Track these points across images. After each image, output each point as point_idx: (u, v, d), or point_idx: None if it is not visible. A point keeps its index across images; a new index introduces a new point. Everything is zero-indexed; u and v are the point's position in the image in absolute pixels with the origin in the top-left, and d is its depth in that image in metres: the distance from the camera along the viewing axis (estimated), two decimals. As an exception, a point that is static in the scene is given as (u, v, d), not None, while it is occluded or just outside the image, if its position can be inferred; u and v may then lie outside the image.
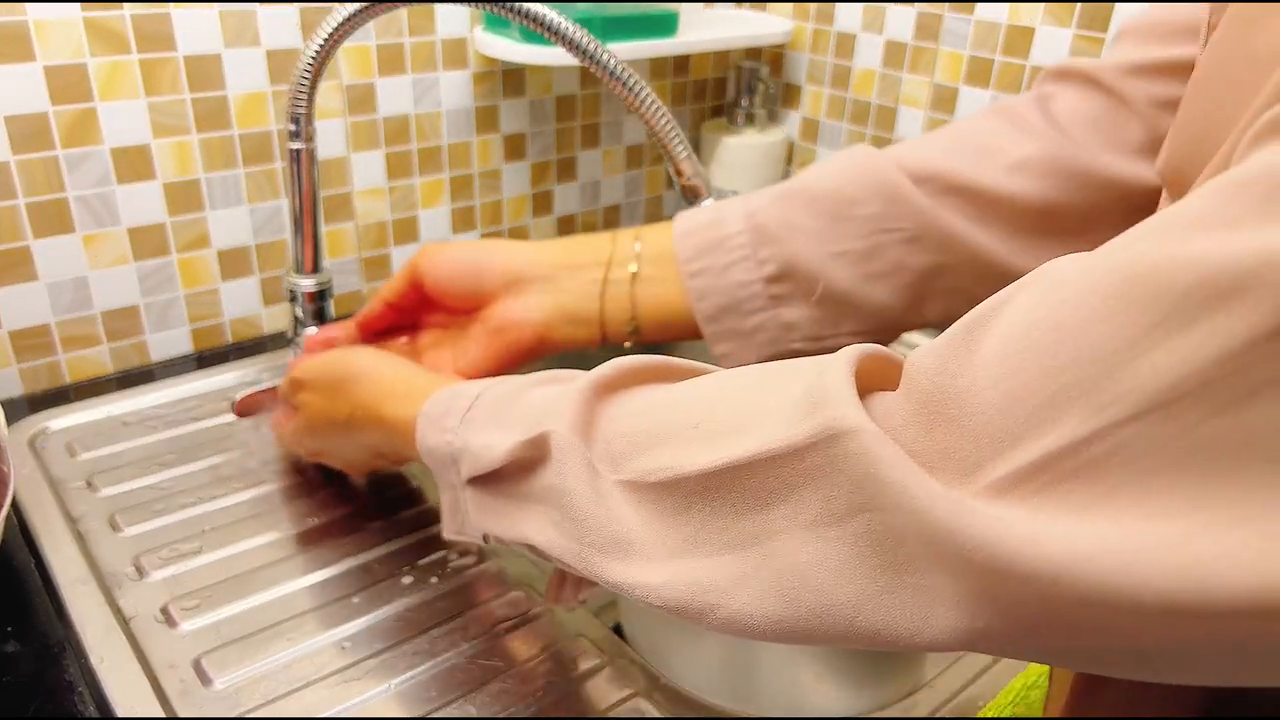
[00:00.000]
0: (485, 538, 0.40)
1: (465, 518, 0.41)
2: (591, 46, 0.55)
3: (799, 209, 0.48)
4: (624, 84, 0.55)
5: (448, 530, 0.43)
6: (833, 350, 0.29)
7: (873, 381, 0.28)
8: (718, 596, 0.29)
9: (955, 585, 0.23)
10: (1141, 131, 0.45)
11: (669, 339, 0.50)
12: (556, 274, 0.52)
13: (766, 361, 0.33)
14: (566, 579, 0.46)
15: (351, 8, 0.57)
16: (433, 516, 0.60)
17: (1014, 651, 0.25)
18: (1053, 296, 0.23)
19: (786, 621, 0.27)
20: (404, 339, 0.58)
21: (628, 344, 0.49)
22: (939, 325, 0.43)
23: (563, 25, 0.55)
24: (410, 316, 0.57)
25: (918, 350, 0.26)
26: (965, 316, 0.25)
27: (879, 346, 0.29)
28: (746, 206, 0.50)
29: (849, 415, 0.25)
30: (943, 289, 0.48)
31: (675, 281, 0.49)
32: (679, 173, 0.56)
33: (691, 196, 0.57)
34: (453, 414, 0.41)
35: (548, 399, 0.35)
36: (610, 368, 0.35)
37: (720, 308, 0.49)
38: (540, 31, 0.55)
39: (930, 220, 0.46)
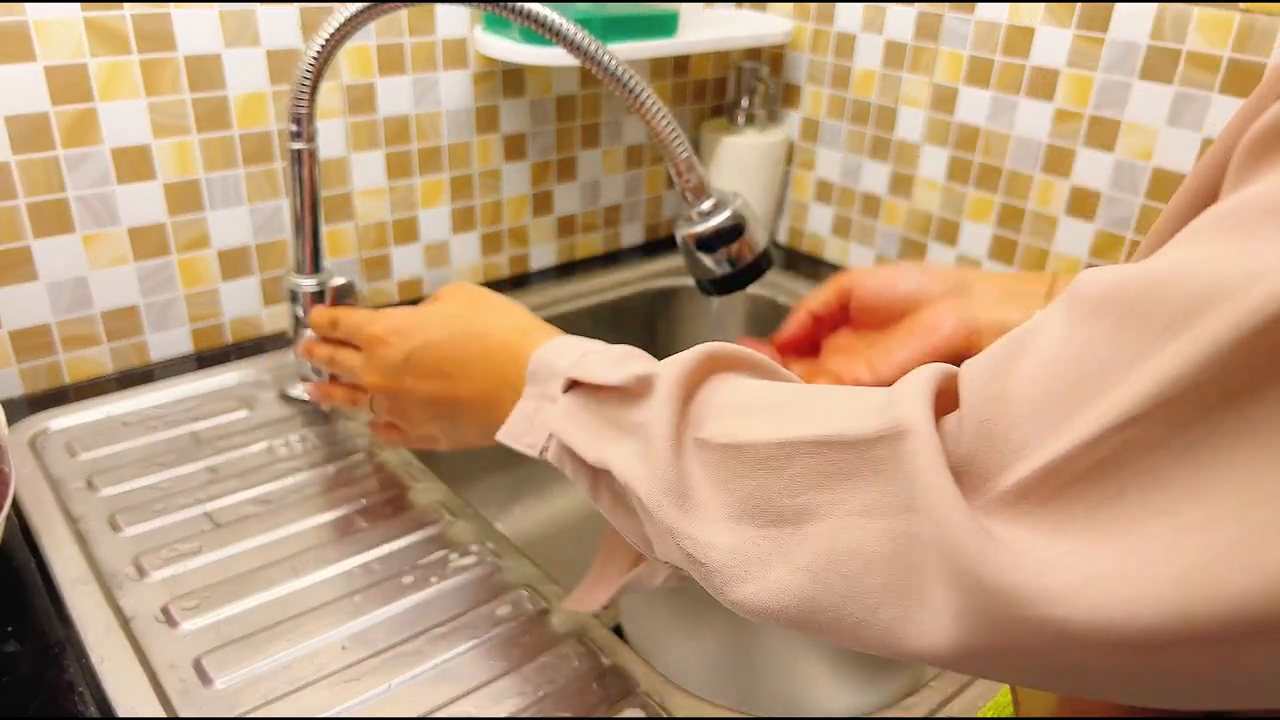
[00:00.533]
0: (543, 450, 0.42)
1: (538, 424, 0.42)
2: (591, 47, 0.55)
3: None
4: (624, 85, 0.55)
5: (503, 433, 0.44)
6: None
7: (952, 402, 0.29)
8: (755, 566, 0.30)
9: (960, 600, 0.24)
10: None
11: None
12: (1003, 292, 0.54)
13: None
14: (600, 582, 0.47)
15: (353, 8, 0.57)
16: (434, 516, 0.60)
17: (1001, 673, 0.26)
18: (1074, 312, 0.24)
19: (807, 604, 0.29)
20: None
21: None
22: None
23: (562, 25, 0.55)
24: (827, 331, 0.58)
25: (971, 359, 0.27)
26: (1016, 329, 0.26)
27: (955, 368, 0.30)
28: None
29: (916, 417, 0.26)
30: None
31: None
32: (679, 173, 0.56)
33: (692, 197, 0.57)
34: (571, 345, 0.44)
35: (664, 359, 0.39)
36: (730, 347, 0.38)
37: None
38: (541, 32, 0.55)
39: None
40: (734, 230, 0.54)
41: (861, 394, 0.30)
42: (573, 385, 0.41)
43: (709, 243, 0.55)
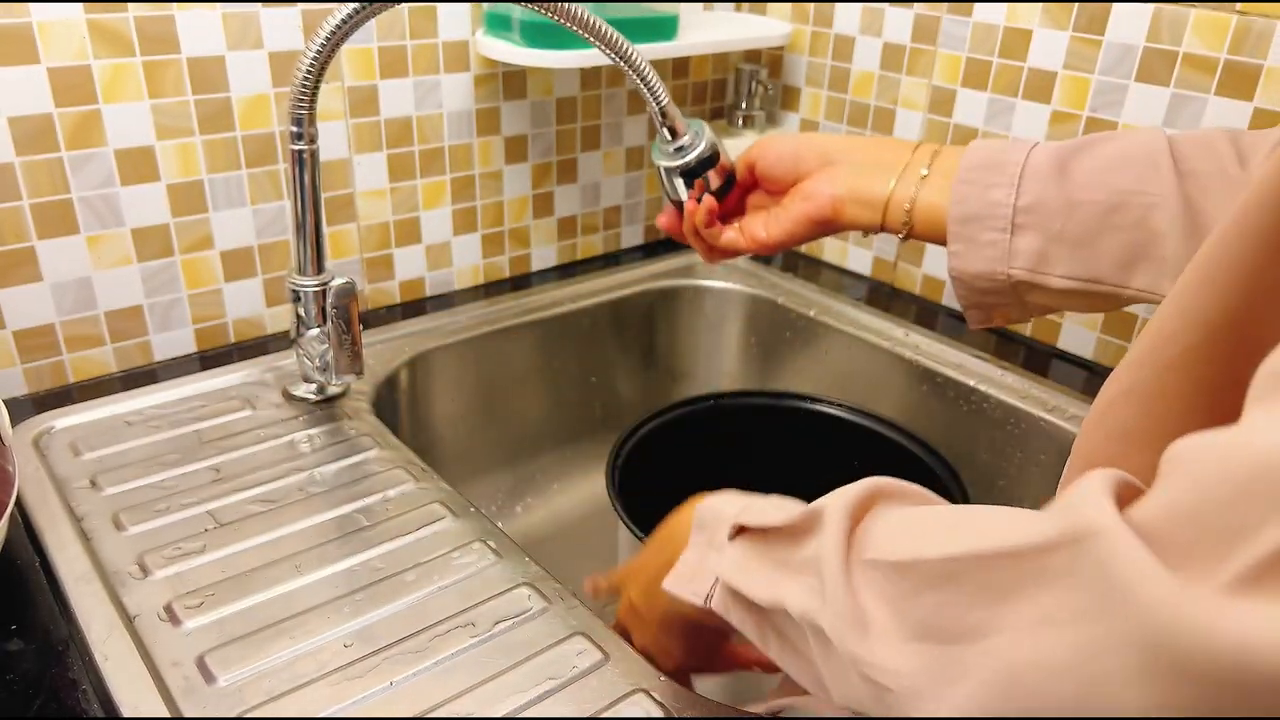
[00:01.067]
0: (707, 597, 0.43)
1: (703, 572, 0.43)
2: (616, 40, 0.59)
3: (1074, 158, 0.53)
4: (606, 41, 0.59)
5: (669, 582, 0.45)
6: (1042, 286, 0.42)
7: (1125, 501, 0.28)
8: (938, 686, 0.30)
9: (1186, 690, 0.23)
10: None
11: (929, 239, 0.57)
12: (863, 162, 0.59)
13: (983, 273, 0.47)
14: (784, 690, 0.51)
15: (350, 7, 0.58)
16: (436, 515, 0.60)
17: None
18: None
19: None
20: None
21: (899, 236, 0.57)
22: (1137, 297, 0.51)
23: (582, 14, 0.57)
24: (746, 193, 0.64)
25: (1179, 441, 0.26)
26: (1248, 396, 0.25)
27: (1129, 476, 0.28)
28: (1033, 146, 0.55)
29: (1101, 516, 0.25)
30: (1156, 258, 0.50)
31: (949, 190, 0.55)
32: (663, 115, 0.61)
33: (671, 135, 0.62)
34: (736, 495, 0.45)
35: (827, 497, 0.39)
36: (894, 481, 0.38)
37: (969, 215, 0.54)
38: (571, 27, 0.58)
39: (1173, 190, 0.49)
40: (712, 158, 0.62)
41: (1027, 512, 0.29)
42: (740, 531, 0.42)
43: (694, 171, 0.62)
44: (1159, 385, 0.33)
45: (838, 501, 0.37)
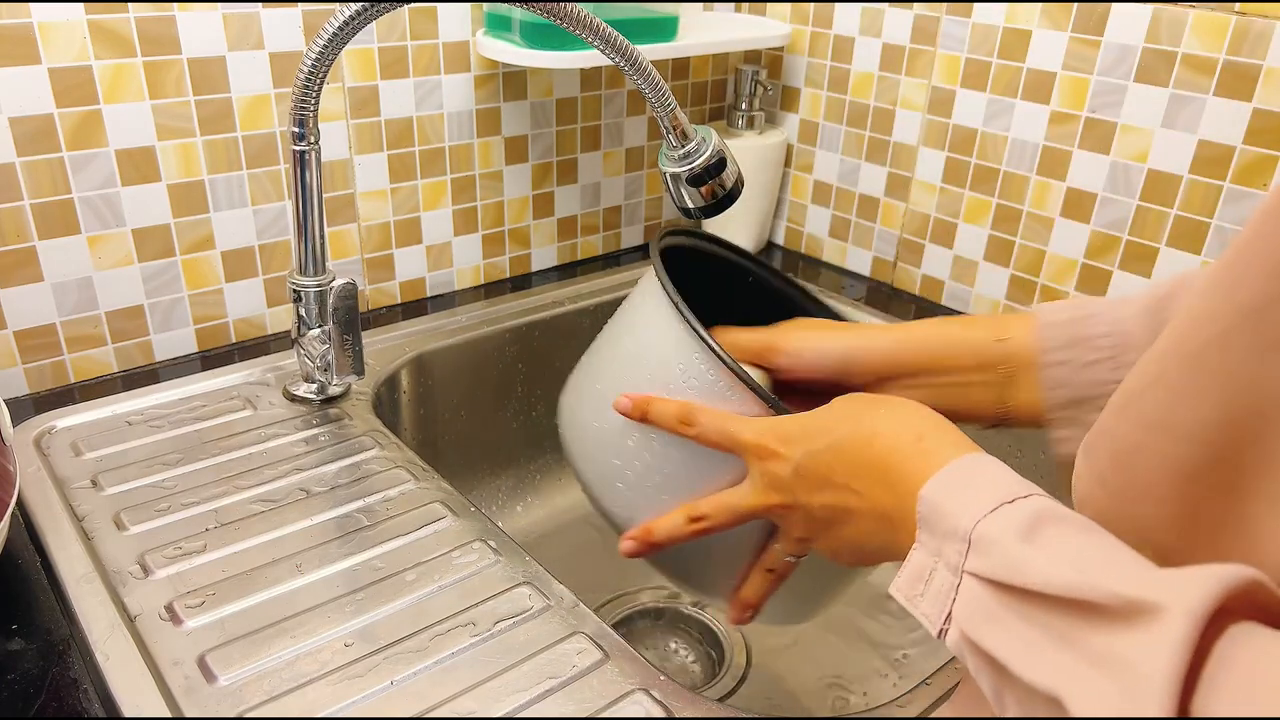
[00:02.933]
0: (941, 632, 0.35)
1: (935, 593, 0.36)
2: (618, 40, 0.58)
3: (1167, 306, 0.48)
4: (613, 46, 0.58)
5: (896, 589, 0.38)
6: None
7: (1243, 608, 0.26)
8: None
9: None
10: None
11: (1010, 426, 0.51)
12: (927, 374, 0.52)
13: None
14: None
15: (352, 9, 0.58)
16: (436, 514, 0.60)
17: None
18: None
19: None
20: None
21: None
22: None
23: (590, 20, 0.57)
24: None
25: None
26: None
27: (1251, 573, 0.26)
28: (1114, 312, 0.50)
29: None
30: None
31: (1033, 382, 0.50)
32: (672, 121, 0.60)
33: (677, 140, 0.61)
34: (985, 491, 0.36)
35: (1155, 569, 0.30)
36: (1265, 580, 0.28)
37: (1071, 400, 0.49)
38: (576, 31, 0.58)
39: None
40: (719, 164, 0.61)
41: None
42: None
43: (699, 178, 0.61)
44: (1189, 372, 0.31)
45: (1186, 605, 0.26)
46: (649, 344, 0.51)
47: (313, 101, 0.61)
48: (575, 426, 0.54)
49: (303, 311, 0.68)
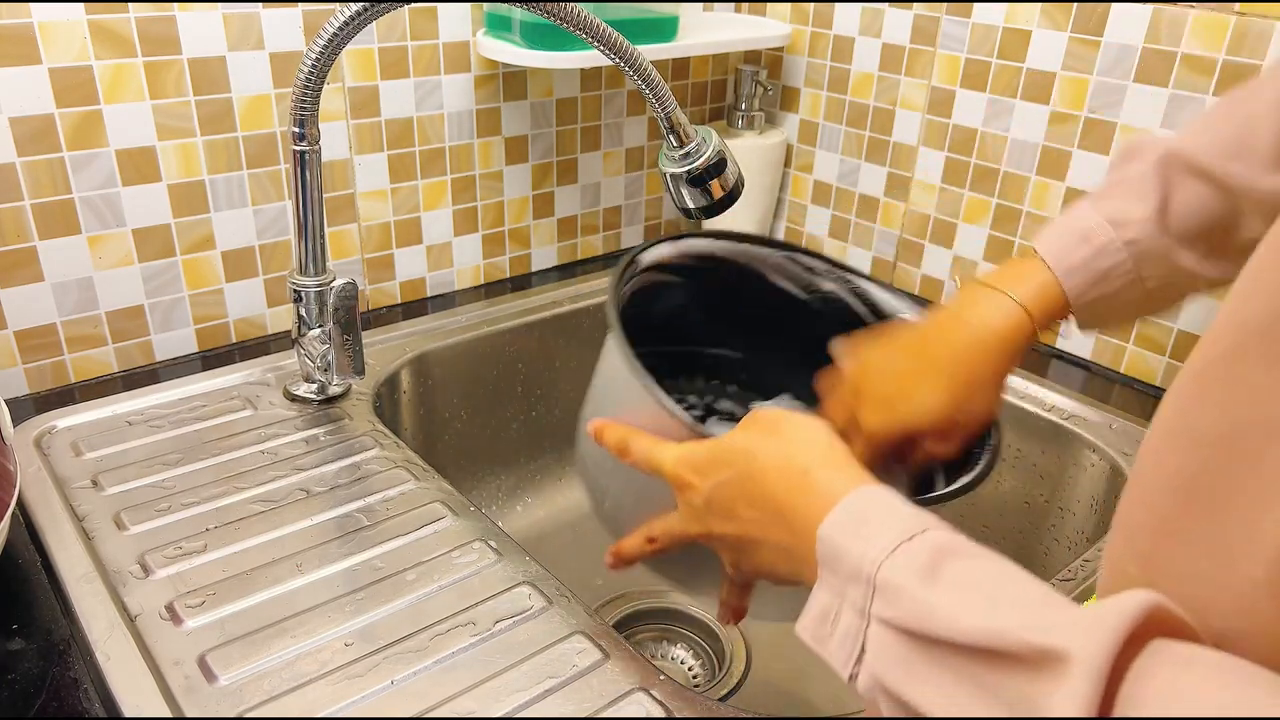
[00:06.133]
0: (852, 677, 0.35)
1: (842, 636, 0.36)
2: (577, 14, 0.58)
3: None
4: (614, 48, 0.58)
5: (802, 629, 0.38)
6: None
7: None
8: None
9: None
10: None
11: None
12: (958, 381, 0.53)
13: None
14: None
15: (353, 9, 0.58)
16: (436, 514, 0.60)
17: None
18: None
19: None
20: None
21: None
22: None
23: (591, 21, 0.57)
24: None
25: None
26: None
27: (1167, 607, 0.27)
28: (1116, 220, 0.53)
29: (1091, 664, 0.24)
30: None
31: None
32: (670, 123, 0.60)
33: (678, 141, 0.61)
34: (882, 528, 0.36)
35: (1059, 605, 0.31)
36: (1171, 606, 0.28)
37: (1090, 282, 0.53)
38: (576, 32, 0.58)
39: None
40: (720, 165, 0.61)
41: None
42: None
43: (700, 178, 0.61)
44: (1199, 383, 0.31)
45: (1092, 646, 0.27)
46: (610, 374, 0.54)
47: (313, 101, 0.61)
48: (578, 450, 0.58)
49: (303, 311, 0.68)
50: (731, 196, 0.63)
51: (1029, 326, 0.52)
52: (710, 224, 1.01)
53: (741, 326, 0.67)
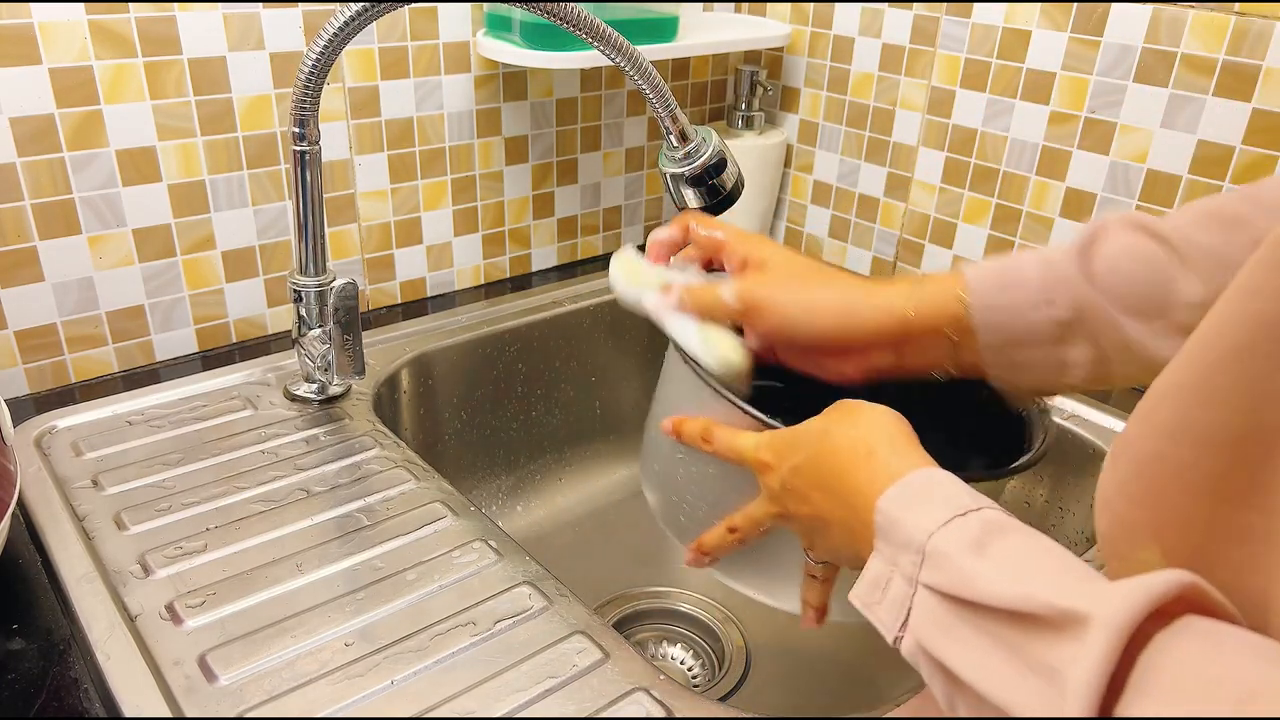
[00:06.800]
0: (897, 639, 0.37)
1: (892, 601, 0.38)
2: (619, 41, 0.59)
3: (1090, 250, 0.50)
4: (613, 45, 0.58)
5: (855, 596, 0.40)
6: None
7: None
8: None
9: None
10: None
11: (966, 375, 0.53)
12: (879, 348, 0.53)
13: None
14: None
15: (353, 9, 0.58)
16: (436, 514, 0.60)
17: None
18: None
19: None
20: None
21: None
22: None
23: (591, 21, 0.57)
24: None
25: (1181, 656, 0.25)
26: None
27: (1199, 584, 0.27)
28: (1042, 255, 0.52)
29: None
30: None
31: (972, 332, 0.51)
32: (672, 120, 0.59)
33: (678, 141, 0.61)
34: (939, 504, 0.38)
35: (1093, 578, 0.32)
36: (1204, 585, 0.29)
37: (1007, 342, 0.51)
38: (577, 33, 0.58)
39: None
40: (720, 165, 0.61)
41: None
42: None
43: (700, 178, 0.61)
44: (1206, 382, 0.31)
45: (1114, 614, 0.28)
46: (677, 383, 0.55)
47: (313, 101, 0.62)
48: (645, 463, 0.59)
49: (303, 311, 0.68)
50: (731, 197, 0.63)
51: (905, 313, 0.51)
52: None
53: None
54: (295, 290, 0.68)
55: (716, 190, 0.62)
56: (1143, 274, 0.48)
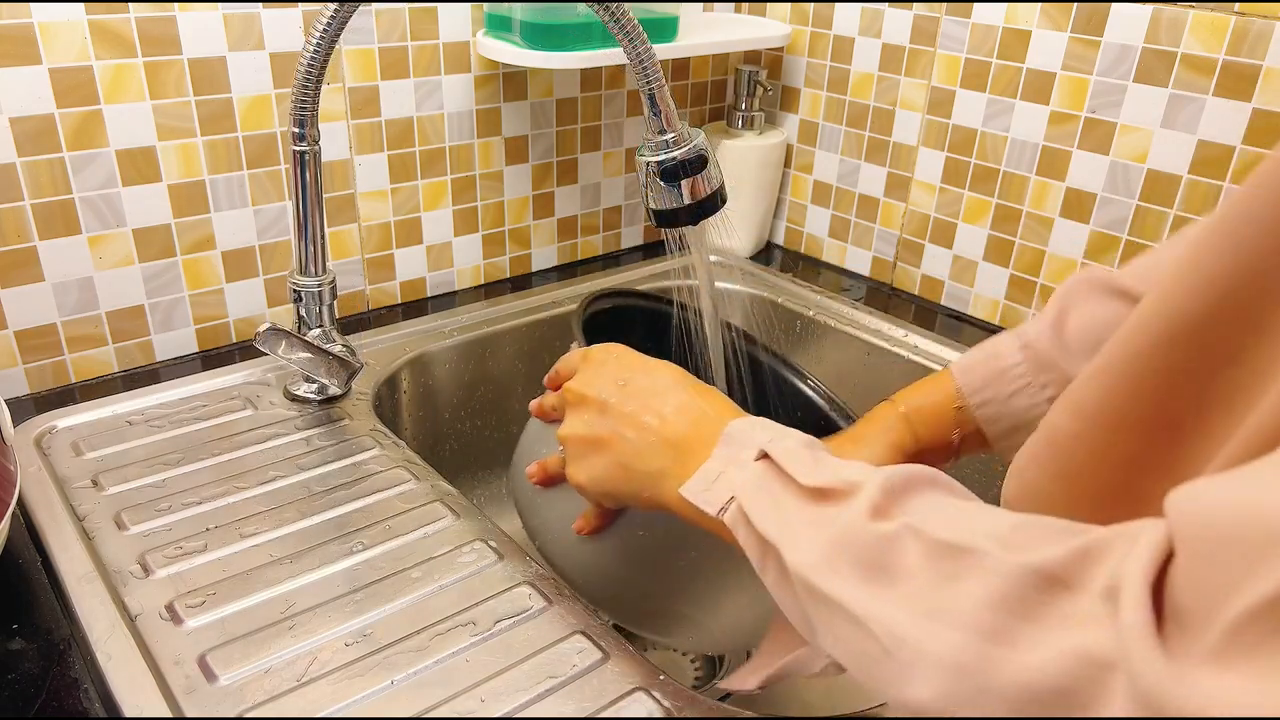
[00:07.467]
0: (721, 510, 0.42)
1: (721, 485, 0.42)
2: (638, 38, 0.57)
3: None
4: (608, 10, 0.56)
5: (686, 488, 0.43)
6: None
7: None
8: (947, 676, 0.30)
9: None
10: None
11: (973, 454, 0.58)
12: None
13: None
14: (761, 662, 0.51)
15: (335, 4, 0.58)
16: (437, 514, 0.60)
17: None
18: None
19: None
20: None
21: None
22: None
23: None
24: None
25: (1187, 496, 0.26)
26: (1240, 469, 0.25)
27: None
28: (1020, 340, 0.55)
29: (1133, 582, 0.26)
30: None
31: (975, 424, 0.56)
32: (659, 100, 0.57)
33: (663, 123, 0.58)
34: (766, 423, 0.44)
35: (863, 466, 0.39)
36: (939, 473, 0.37)
37: (1012, 428, 0.54)
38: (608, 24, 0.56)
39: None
40: (699, 162, 0.55)
41: (1089, 533, 0.30)
42: (765, 457, 0.41)
43: (673, 172, 0.55)
44: (1128, 369, 0.34)
45: (877, 479, 0.36)
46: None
47: (313, 101, 0.62)
48: (516, 499, 0.61)
49: (303, 311, 0.68)
50: (705, 207, 0.56)
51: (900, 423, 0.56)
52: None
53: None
54: (295, 290, 0.68)
55: (687, 193, 0.55)
56: None
